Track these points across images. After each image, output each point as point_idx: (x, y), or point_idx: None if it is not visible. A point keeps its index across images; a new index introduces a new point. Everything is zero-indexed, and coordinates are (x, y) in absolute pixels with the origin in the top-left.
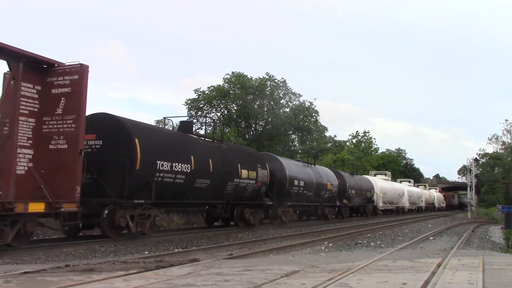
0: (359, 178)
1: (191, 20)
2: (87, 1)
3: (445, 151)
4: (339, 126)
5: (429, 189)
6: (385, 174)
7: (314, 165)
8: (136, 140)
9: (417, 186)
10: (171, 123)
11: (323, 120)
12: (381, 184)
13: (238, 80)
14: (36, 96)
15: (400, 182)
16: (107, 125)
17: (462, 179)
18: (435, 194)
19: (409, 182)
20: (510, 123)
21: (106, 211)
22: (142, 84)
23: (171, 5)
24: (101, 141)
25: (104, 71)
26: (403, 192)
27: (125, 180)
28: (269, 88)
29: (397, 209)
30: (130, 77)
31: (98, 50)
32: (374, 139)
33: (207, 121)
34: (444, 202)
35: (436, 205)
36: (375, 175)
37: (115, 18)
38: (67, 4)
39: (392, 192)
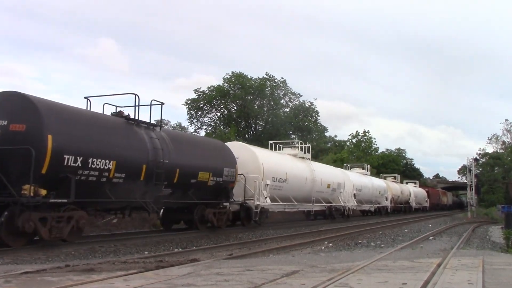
0: (183, 139)
1: (189, 20)
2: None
3: (444, 151)
4: (335, 125)
5: (407, 183)
6: (299, 148)
7: None
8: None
9: (385, 178)
10: (170, 123)
11: (320, 119)
12: (271, 160)
13: (238, 80)
14: None
15: (349, 168)
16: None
17: (462, 179)
18: (412, 190)
19: (363, 168)
20: (510, 123)
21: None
22: (139, 84)
23: (168, 4)
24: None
25: (100, 71)
26: (341, 182)
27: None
28: (269, 88)
29: (330, 211)
30: (126, 77)
31: (92, 49)
32: (374, 139)
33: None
34: (428, 200)
35: (413, 204)
36: (281, 148)
37: (107, 16)
38: (57, 3)
39: (305, 181)
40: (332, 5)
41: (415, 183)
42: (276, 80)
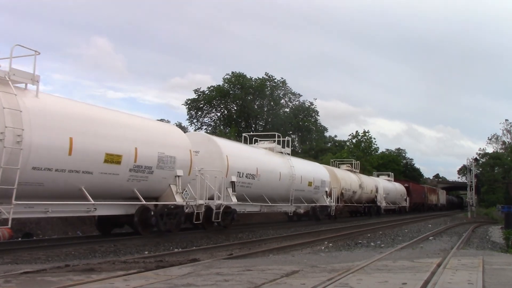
0: None
1: (187, 19)
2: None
3: (442, 151)
4: (333, 125)
5: (378, 175)
6: None
7: None
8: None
9: (338, 166)
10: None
11: (320, 119)
12: None
13: (238, 80)
14: None
15: (255, 142)
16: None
17: (462, 179)
18: (381, 184)
19: (273, 141)
20: (510, 123)
21: None
22: (136, 84)
23: (168, 4)
24: None
25: (96, 70)
26: (175, 156)
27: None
28: (268, 88)
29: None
30: (124, 76)
31: (87, 49)
32: (374, 139)
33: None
34: (408, 199)
35: (383, 204)
36: None
37: (101, 15)
38: (49, 1)
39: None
40: (332, 5)
41: (389, 175)
42: (276, 80)
